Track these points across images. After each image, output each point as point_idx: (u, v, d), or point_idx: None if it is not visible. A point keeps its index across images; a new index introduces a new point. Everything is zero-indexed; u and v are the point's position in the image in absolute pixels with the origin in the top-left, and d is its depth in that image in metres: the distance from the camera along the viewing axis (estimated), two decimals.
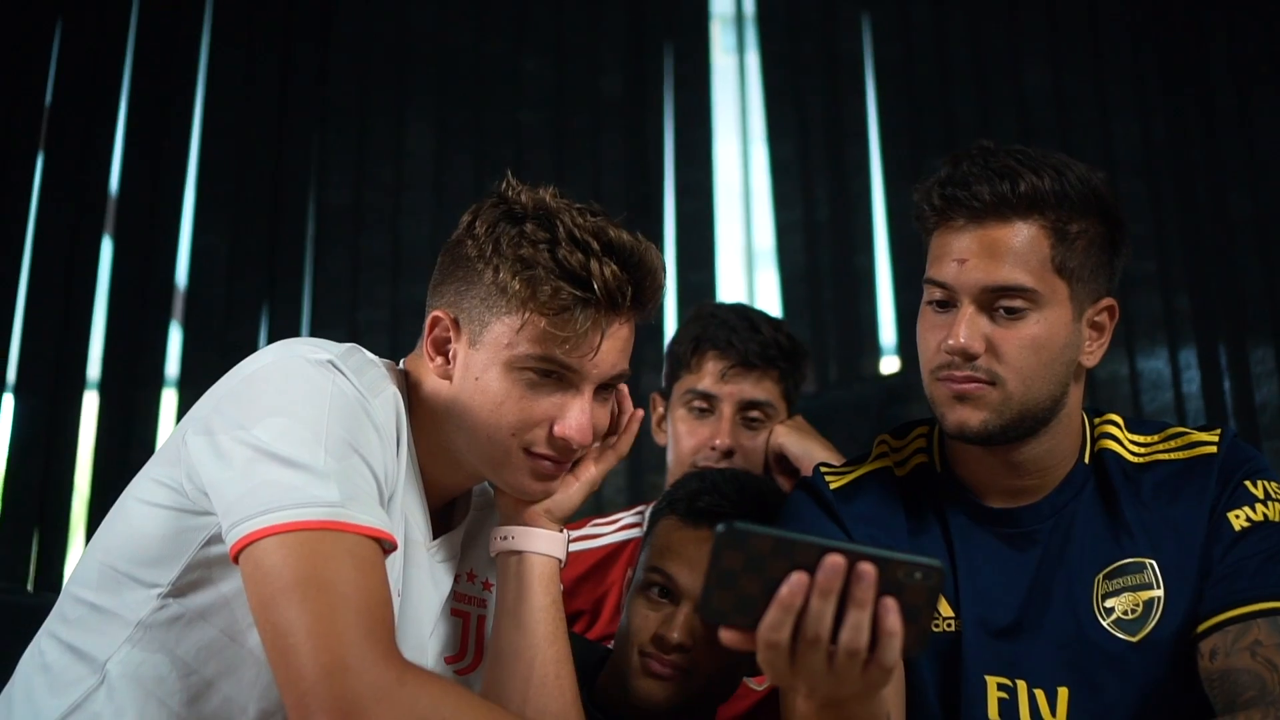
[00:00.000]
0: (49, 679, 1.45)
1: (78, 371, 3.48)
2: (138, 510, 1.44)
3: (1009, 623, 1.64)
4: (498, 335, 1.47)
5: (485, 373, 1.48)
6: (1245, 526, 1.61)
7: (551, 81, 3.82)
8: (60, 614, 1.48)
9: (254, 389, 1.41)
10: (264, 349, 1.47)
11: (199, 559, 1.41)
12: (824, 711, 1.33)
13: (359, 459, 1.38)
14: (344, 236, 3.71)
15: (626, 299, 1.48)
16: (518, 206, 1.50)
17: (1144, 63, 3.62)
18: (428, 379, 1.53)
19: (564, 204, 1.50)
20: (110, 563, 1.45)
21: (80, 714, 1.42)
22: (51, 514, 3.39)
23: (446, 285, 1.52)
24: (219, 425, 1.39)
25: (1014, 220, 1.59)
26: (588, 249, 1.46)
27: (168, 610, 1.42)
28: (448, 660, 1.60)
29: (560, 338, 1.45)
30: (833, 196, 3.71)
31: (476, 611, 1.65)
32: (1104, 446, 1.70)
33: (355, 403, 1.40)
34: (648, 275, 1.50)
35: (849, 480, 1.75)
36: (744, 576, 1.20)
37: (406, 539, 1.50)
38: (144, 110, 3.66)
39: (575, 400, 1.49)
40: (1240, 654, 1.54)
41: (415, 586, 1.53)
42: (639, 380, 3.44)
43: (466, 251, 1.50)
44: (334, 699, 1.25)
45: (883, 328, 3.64)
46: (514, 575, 1.56)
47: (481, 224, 1.50)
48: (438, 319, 1.52)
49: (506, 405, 1.48)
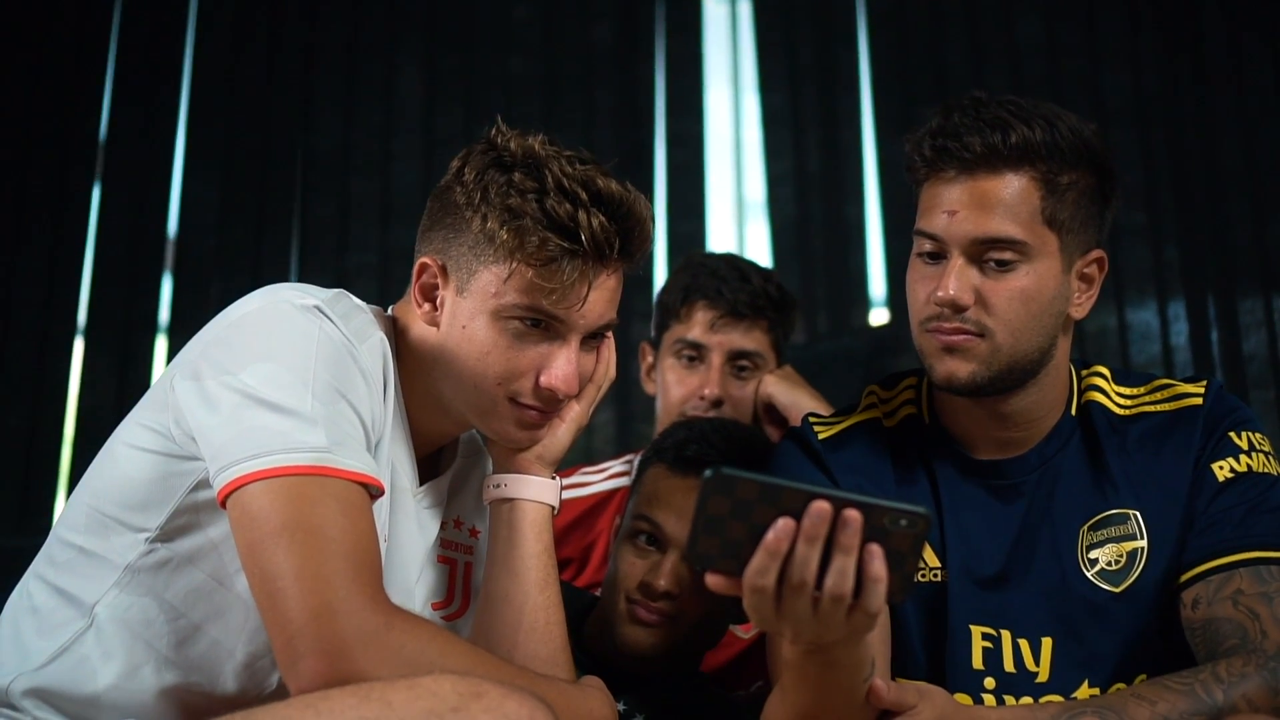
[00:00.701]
0: (37, 621, 1.45)
1: (68, 317, 3.49)
2: (125, 454, 1.45)
3: (994, 573, 1.65)
4: (485, 284, 1.47)
5: (472, 321, 1.48)
6: (1229, 477, 1.62)
7: (541, 28, 3.79)
8: (48, 556, 1.49)
9: (241, 334, 1.41)
10: (251, 294, 1.46)
11: (187, 504, 1.42)
12: (809, 656, 1.34)
13: (346, 404, 1.38)
14: (333, 181, 3.69)
15: (614, 250, 1.48)
16: (506, 154, 1.49)
17: (1137, 13, 3.60)
18: (415, 325, 1.53)
19: (553, 152, 1.49)
20: (98, 506, 1.45)
21: (68, 656, 1.43)
22: (39, 459, 3.41)
23: (435, 231, 1.52)
24: (206, 371, 1.39)
25: (1004, 172, 1.59)
26: (575, 199, 1.45)
27: (155, 555, 1.43)
28: (435, 606, 1.60)
29: (547, 288, 1.45)
30: (824, 147, 3.69)
31: (463, 558, 1.65)
32: (1091, 399, 1.71)
33: (342, 348, 1.40)
34: (636, 225, 1.49)
35: (837, 430, 1.75)
36: (730, 522, 1.20)
37: (393, 485, 1.50)
38: (133, 57, 3.64)
39: (561, 350, 1.49)
40: (1223, 603, 1.55)
41: (401, 532, 1.53)
42: (628, 329, 3.44)
43: (455, 198, 1.50)
44: (321, 642, 1.26)
45: (873, 279, 3.64)
46: (505, 522, 1.57)
47: (470, 170, 1.49)
48: (425, 265, 1.52)
49: (493, 354, 1.48)
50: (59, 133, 3.59)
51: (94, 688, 1.42)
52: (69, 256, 3.52)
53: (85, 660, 1.43)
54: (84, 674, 1.42)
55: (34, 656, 1.44)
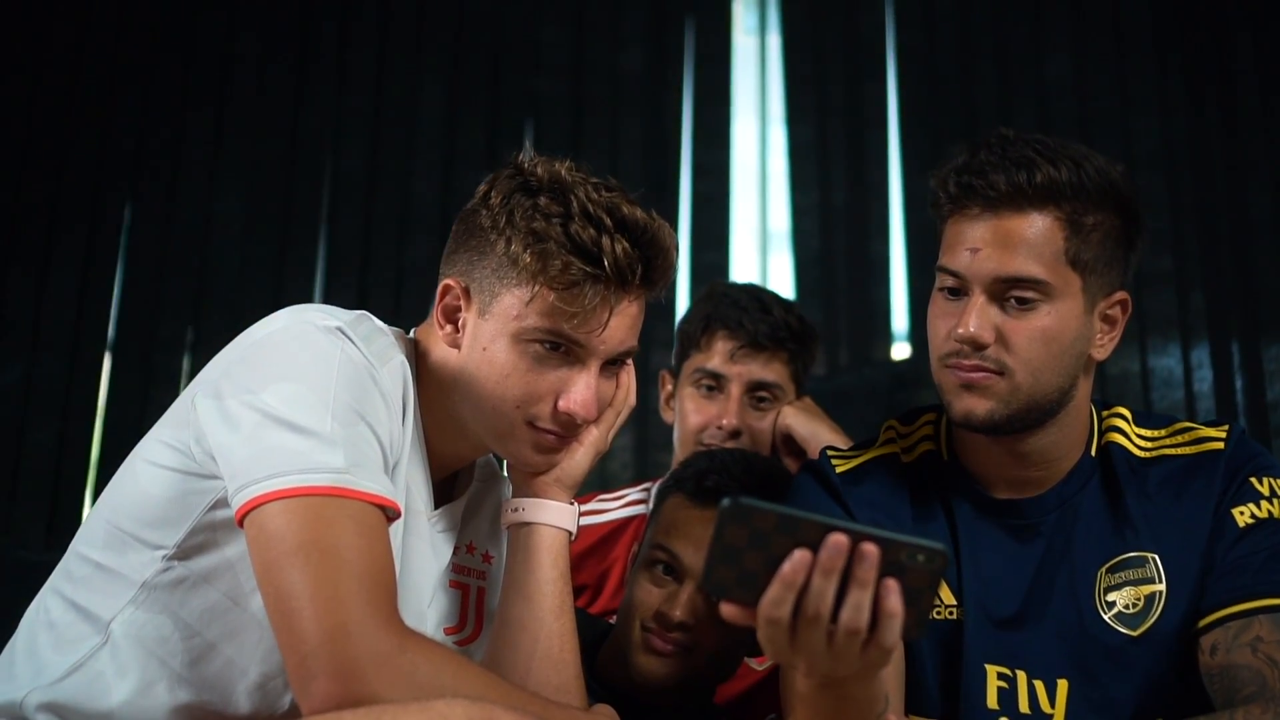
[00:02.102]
0: (53, 636, 1.46)
1: (98, 334, 3.52)
2: (145, 471, 1.45)
3: (1011, 613, 1.65)
4: (507, 306, 1.48)
5: (493, 343, 1.48)
6: (1249, 523, 1.61)
7: (570, 51, 3.81)
8: (66, 572, 1.49)
9: (263, 354, 1.41)
10: (274, 314, 1.47)
11: (204, 522, 1.42)
12: (823, 690, 1.33)
13: (365, 426, 1.39)
14: (357, 201, 3.72)
15: (636, 276, 1.48)
16: (533, 179, 1.50)
17: (1167, 56, 3.60)
18: (437, 348, 1.54)
19: (580, 178, 1.50)
20: (116, 523, 1.45)
21: (83, 672, 1.43)
22: (68, 474, 3.43)
23: (459, 254, 1.53)
24: (228, 390, 1.39)
25: (1029, 211, 1.58)
26: (600, 225, 1.46)
27: (172, 572, 1.43)
28: (447, 631, 1.60)
29: (569, 312, 1.46)
30: (850, 181, 3.70)
31: (476, 583, 1.65)
32: (1111, 440, 1.70)
33: (363, 370, 1.41)
34: (659, 254, 1.50)
35: (855, 465, 1.75)
36: (747, 552, 1.20)
37: (408, 508, 1.50)
38: (163, 76, 3.69)
39: (581, 375, 1.49)
40: (1241, 650, 1.54)
41: (415, 555, 1.54)
42: (648, 357, 3.44)
43: (480, 221, 1.50)
44: (335, 663, 1.26)
45: (895, 314, 3.64)
46: (522, 546, 1.57)
47: (497, 194, 1.50)
48: (449, 287, 1.52)
49: (513, 377, 1.48)
50: (92, 151, 3.63)
51: (108, 704, 1.42)
52: (99, 273, 3.56)
53: (100, 676, 1.43)
54: (98, 690, 1.42)
55: (49, 671, 1.44)
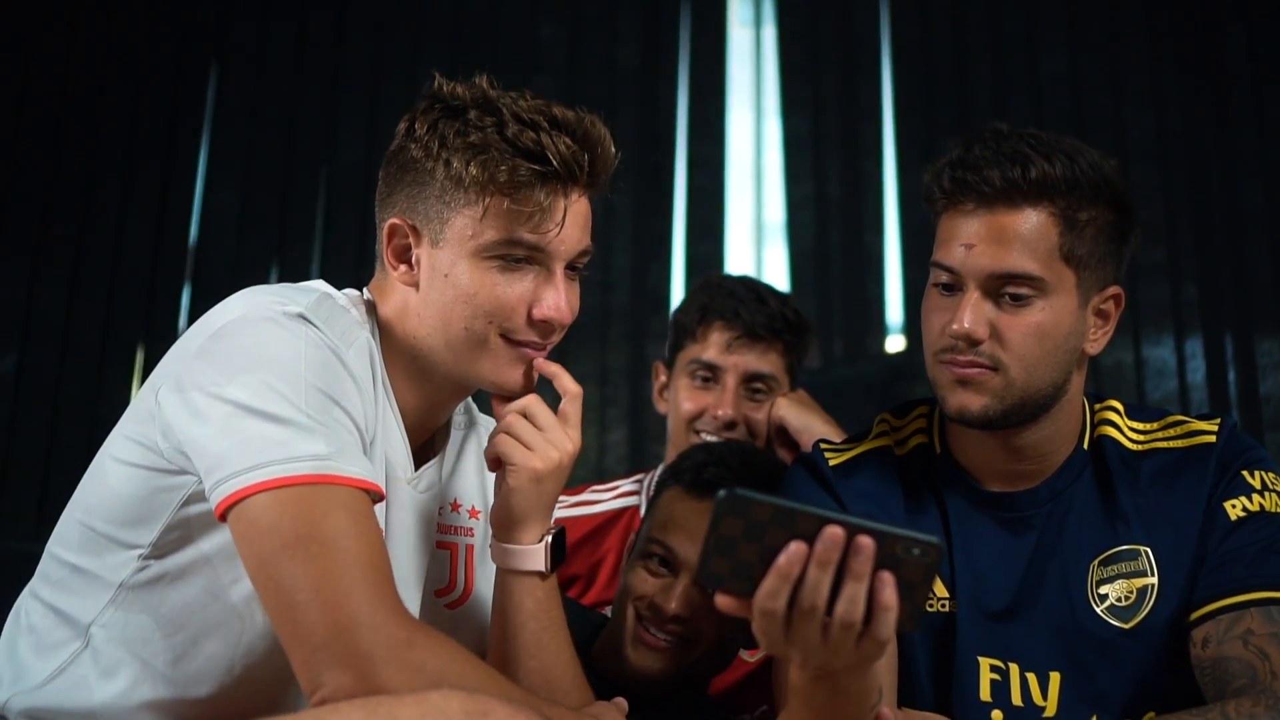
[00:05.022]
0: (34, 641, 1.44)
1: (91, 328, 3.52)
2: (114, 469, 1.42)
3: (1003, 606, 1.65)
4: (460, 228, 1.46)
5: (454, 268, 1.46)
6: (1241, 516, 1.61)
7: (566, 49, 3.81)
8: (43, 574, 1.48)
9: (224, 345, 1.37)
10: (229, 300, 1.43)
11: (178, 519, 1.40)
12: (817, 683, 1.33)
13: (340, 410, 1.36)
14: (354, 197, 3.72)
15: (583, 170, 1.47)
16: (456, 99, 1.48)
17: (1160, 50, 3.61)
18: (394, 294, 1.51)
19: (500, 91, 1.49)
20: (89, 523, 1.43)
21: (65, 677, 1.42)
22: (58, 466, 3.43)
23: (397, 194, 1.50)
24: (190, 383, 1.36)
25: (1023, 206, 1.58)
26: (536, 126, 1.45)
27: (149, 570, 1.41)
28: (436, 593, 1.59)
29: (524, 214, 1.44)
30: (844, 174, 3.70)
31: (464, 541, 1.63)
32: (1103, 433, 1.71)
33: (330, 354, 1.39)
34: (599, 145, 1.49)
35: (848, 457, 1.75)
36: (743, 544, 1.20)
37: (388, 478, 1.48)
38: (160, 69, 3.69)
39: (548, 281, 1.48)
40: (1232, 642, 1.55)
41: (399, 527, 1.51)
42: (643, 349, 3.45)
43: (412, 154, 1.48)
44: (346, 656, 1.25)
45: (890, 307, 3.64)
46: (499, 586, 1.56)
47: (421, 124, 1.48)
48: (395, 226, 1.50)
49: (480, 294, 1.46)
50: (87, 143, 3.63)
51: (90, 704, 1.41)
52: (92, 265, 3.56)
53: (82, 680, 1.41)
54: (81, 692, 1.41)
55: (30, 676, 1.42)
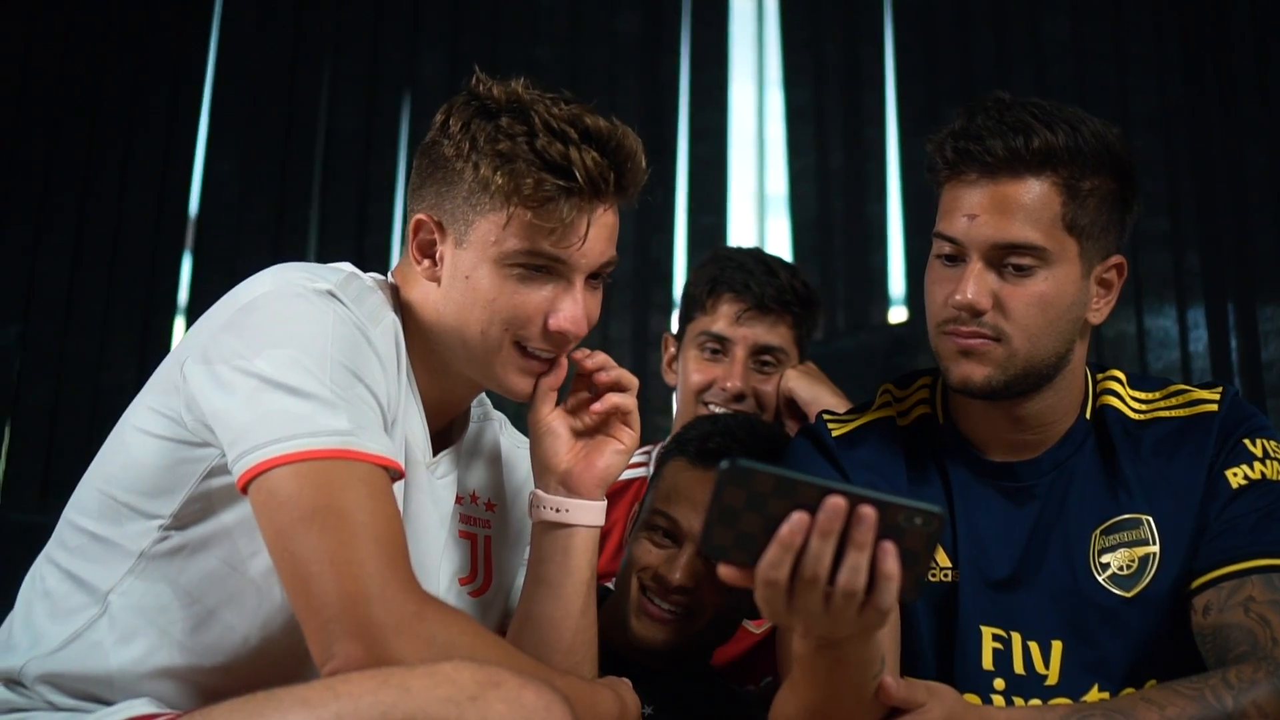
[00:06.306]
0: (49, 605, 1.45)
1: (94, 298, 3.52)
2: (136, 439, 1.43)
3: (1006, 575, 1.66)
4: (484, 233, 1.46)
5: (475, 270, 1.47)
6: (1242, 484, 1.62)
7: (567, 17, 3.79)
8: (60, 540, 1.48)
9: (253, 319, 1.39)
10: (258, 275, 1.45)
11: (200, 491, 1.41)
12: (820, 652, 1.34)
13: (364, 387, 1.38)
14: (353, 164, 3.71)
15: (609, 185, 1.47)
16: (490, 101, 1.48)
17: (1164, 18, 3.59)
18: (417, 286, 1.52)
19: (536, 95, 1.49)
20: (110, 492, 1.44)
21: (81, 642, 1.43)
22: (62, 436, 3.44)
23: (427, 188, 1.51)
24: (217, 355, 1.37)
25: (1026, 176, 1.58)
26: (566, 138, 1.45)
27: (169, 541, 1.42)
28: (461, 581, 1.60)
29: (546, 229, 1.45)
30: (847, 144, 3.69)
31: (483, 532, 1.64)
32: (1105, 403, 1.71)
33: (356, 332, 1.40)
34: (628, 159, 1.49)
35: (851, 428, 1.76)
36: (745, 514, 1.21)
37: (408, 460, 1.49)
38: (159, 38, 3.67)
39: (567, 292, 1.48)
40: (1234, 610, 1.56)
41: (418, 509, 1.53)
42: (647, 322, 3.45)
43: (444, 151, 1.49)
44: (358, 627, 1.26)
45: (892, 277, 3.64)
46: (560, 548, 1.55)
47: (456, 121, 1.49)
48: (421, 222, 1.51)
49: (499, 301, 1.47)
50: (86, 111, 3.62)
51: (106, 669, 1.42)
52: (93, 234, 3.56)
53: (98, 645, 1.42)
54: (97, 657, 1.42)
55: (47, 641, 1.43)
